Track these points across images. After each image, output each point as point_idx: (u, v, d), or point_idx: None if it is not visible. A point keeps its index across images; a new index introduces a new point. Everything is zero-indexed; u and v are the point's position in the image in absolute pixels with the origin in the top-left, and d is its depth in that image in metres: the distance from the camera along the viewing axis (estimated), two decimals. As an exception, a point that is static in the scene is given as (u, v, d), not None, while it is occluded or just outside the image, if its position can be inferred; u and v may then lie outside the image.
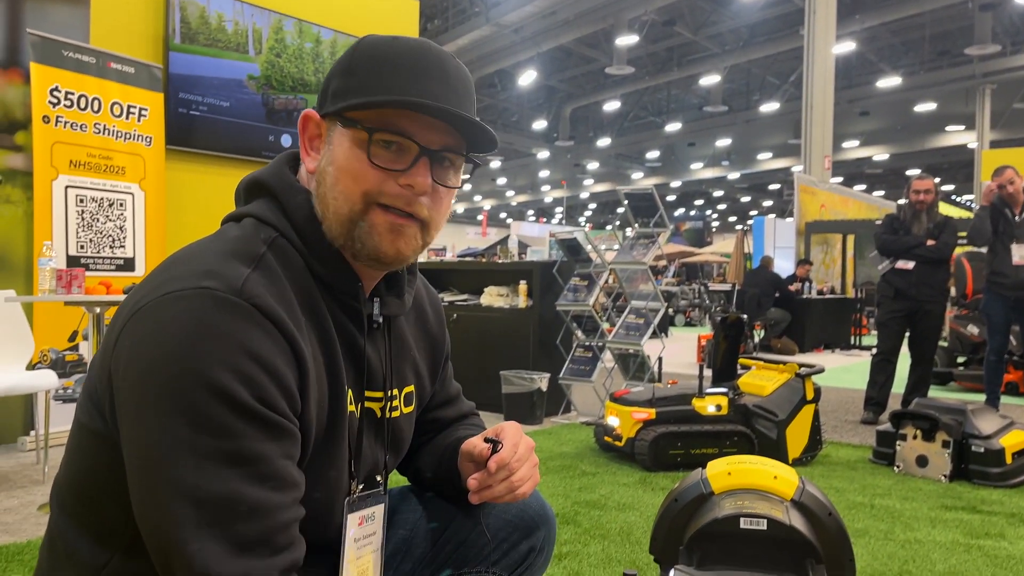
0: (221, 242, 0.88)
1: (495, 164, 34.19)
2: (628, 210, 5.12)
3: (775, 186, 33.93)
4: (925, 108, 23.32)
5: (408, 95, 0.88)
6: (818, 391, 3.93)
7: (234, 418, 0.76)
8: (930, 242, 4.90)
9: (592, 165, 34.31)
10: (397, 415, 1.06)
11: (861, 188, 29.29)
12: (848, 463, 3.91)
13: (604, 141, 30.04)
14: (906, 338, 5.11)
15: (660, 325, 5.25)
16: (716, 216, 44.00)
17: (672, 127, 27.95)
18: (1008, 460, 3.47)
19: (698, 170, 32.98)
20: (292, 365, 0.83)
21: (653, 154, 32.50)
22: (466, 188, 40.11)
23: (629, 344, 4.87)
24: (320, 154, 0.93)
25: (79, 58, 4.14)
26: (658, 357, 5.13)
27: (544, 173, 36.57)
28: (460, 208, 44.09)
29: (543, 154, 32.11)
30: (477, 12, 20.05)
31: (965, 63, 20.86)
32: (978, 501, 3.22)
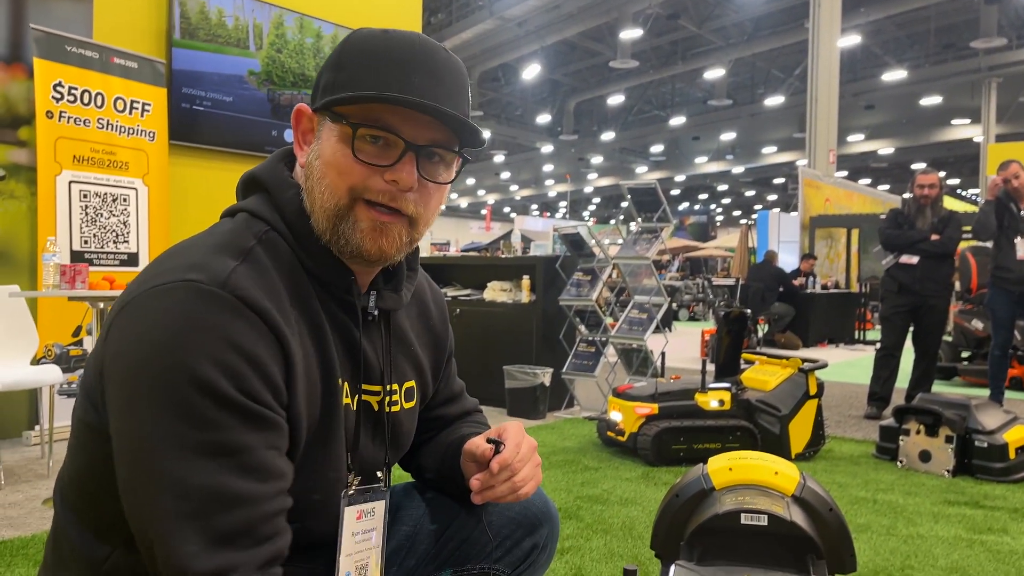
0: (213, 236, 0.89)
1: (499, 158, 34.14)
2: (632, 205, 5.12)
3: (779, 180, 33.87)
4: (930, 102, 23.17)
5: (393, 90, 0.87)
6: (821, 386, 3.93)
7: (217, 410, 0.76)
8: (934, 237, 4.89)
9: (596, 159, 34.24)
10: (397, 410, 1.06)
11: (866, 182, 29.21)
12: (851, 458, 3.91)
13: (608, 135, 29.95)
14: (910, 333, 5.11)
15: (663, 320, 5.24)
16: (720, 210, 43.89)
17: (676, 121, 27.85)
18: (1012, 455, 3.46)
19: (702, 164, 32.88)
20: (278, 357, 0.83)
21: (657, 148, 32.42)
22: (470, 182, 40.06)
23: (632, 339, 4.87)
24: (311, 148, 0.94)
25: (82, 53, 4.14)
26: (661, 352, 5.13)
27: (548, 167, 36.51)
28: (464, 203, 44.07)
29: (547, 148, 32.05)
30: (481, 6, 19.99)
31: (971, 56, 20.73)
32: (981, 496, 3.22)
